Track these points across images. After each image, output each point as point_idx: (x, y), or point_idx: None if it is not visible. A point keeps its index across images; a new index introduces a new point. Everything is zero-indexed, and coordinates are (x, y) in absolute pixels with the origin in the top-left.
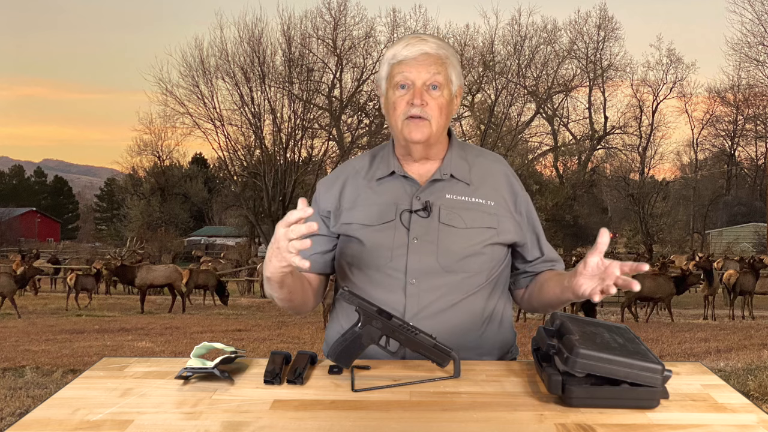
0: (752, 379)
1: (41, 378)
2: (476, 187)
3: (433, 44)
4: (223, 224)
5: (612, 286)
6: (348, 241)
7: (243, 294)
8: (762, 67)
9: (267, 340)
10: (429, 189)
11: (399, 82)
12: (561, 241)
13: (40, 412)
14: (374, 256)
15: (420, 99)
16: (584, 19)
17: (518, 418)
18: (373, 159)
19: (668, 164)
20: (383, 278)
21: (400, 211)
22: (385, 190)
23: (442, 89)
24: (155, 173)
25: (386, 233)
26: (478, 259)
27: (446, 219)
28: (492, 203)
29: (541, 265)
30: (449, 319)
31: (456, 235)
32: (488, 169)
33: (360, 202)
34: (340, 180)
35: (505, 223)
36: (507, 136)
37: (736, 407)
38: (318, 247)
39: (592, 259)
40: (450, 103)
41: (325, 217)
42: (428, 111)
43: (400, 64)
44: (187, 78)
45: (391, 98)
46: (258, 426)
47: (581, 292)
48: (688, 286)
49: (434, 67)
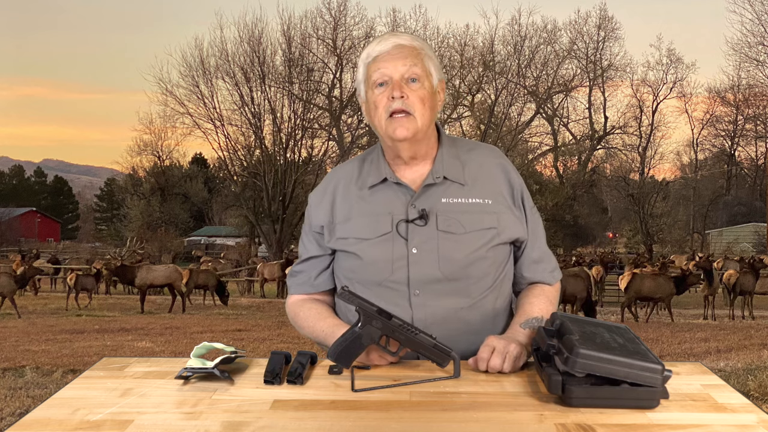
0: (752, 379)
1: (41, 378)
2: (471, 187)
3: (406, 37)
4: (223, 224)
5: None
6: (345, 255)
7: (243, 294)
8: (762, 67)
9: (267, 340)
10: (423, 195)
11: (377, 80)
12: (561, 241)
13: (40, 412)
14: (374, 271)
15: (399, 91)
16: (584, 19)
17: (518, 418)
18: (363, 164)
19: (668, 164)
20: (386, 292)
21: (396, 222)
22: (378, 199)
23: (422, 81)
24: (155, 173)
25: (384, 246)
26: (481, 264)
27: (444, 226)
28: (490, 201)
29: (524, 268)
30: (458, 326)
31: (456, 242)
32: (482, 164)
33: (354, 214)
34: (330, 190)
35: (505, 219)
36: (507, 136)
37: (736, 407)
38: (320, 265)
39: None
40: (432, 96)
41: (318, 233)
42: (409, 103)
43: (375, 61)
44: (187, 78)
45: (371, 98)
46: (258, 426)
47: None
48: (688, 286)
49: (410, 59)
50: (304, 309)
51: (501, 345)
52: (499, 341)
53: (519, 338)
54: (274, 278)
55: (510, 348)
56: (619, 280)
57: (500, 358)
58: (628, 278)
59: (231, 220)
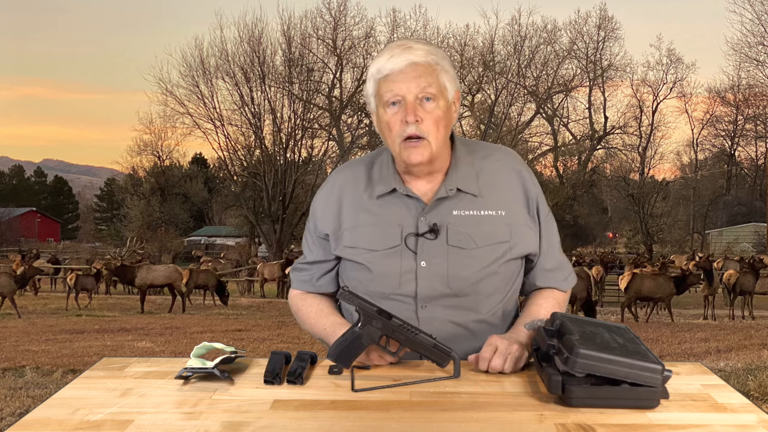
0: (752, 379)
1: (41, 378)
2: (485, 197)
3: (420, 52)
4: (223, 224)
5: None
6: (352, 265)
7: (243, 294)
8: (762, 67)
9: (267, 340)
10: (435, 209)
11: (389, 100)
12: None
13: (40, 412)
14: (381, 283)
15: (413, 115)
16: (584, 19)
17: (518, 418)
18: (371, 169)
19: (668, 164)
20: (392, 304)
21: (405, 235)
22: (387, 209)
23: (437, 100)
24: (155, 173)
25: (393, 259)
26: (492, 279)
27: (455, 240)
28: (503, 212)
29: (537, 278)
30: (467, 341)
31: (467, 258)
32: (497, 172)
33: (362, 222)
34: (336, 195)
35: (519, 233)
36: (507, 136)
37: (736, 407)
38: (324, 269)
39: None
40: (447, 113)
41: (323, 239)
42: (424, 128)
43: (386, 79)
44: (187, 78)
45: (384, 118)
46: (258, 426)
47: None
48: (688, 286)
49: (424, 79)
50: (306, 304)
51: (504, 345)
52: (501, 341)
53: (521, 339)
54: (274, 278)
55: (512, 349)
56: (619, 280)
57: (502, 358)
58: (628, 278)
59: (231, 220)
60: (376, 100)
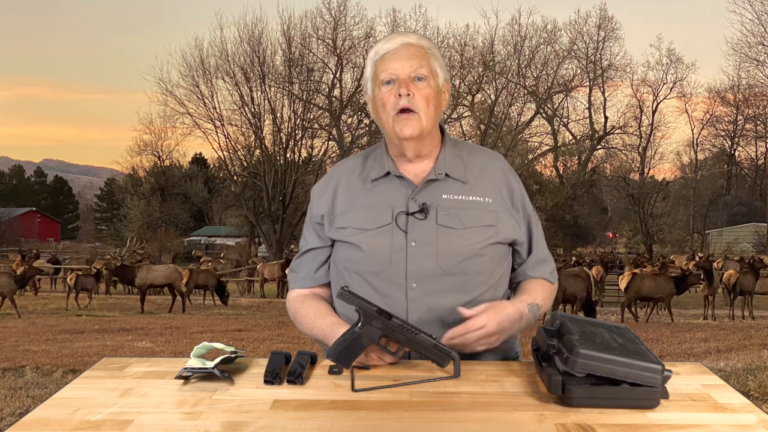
0: (752, 379)
1: (41, 378)
2: (473, 185)
3: (414, 36)
4: (223, 224)
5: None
6: (344, 246)
7: (243, 294)
8: (762, 67)
9: (267, 340)
10: (425, 189)
11: (384, 78)
12: (561, 241)
13: (40, 412)
14: (372, 261)
15: (406, 89)
16: (584, 19)
17: (518, 418)
18: (366, 159)
19: (668, 164)
20: (383, 283)
21: (396, 214)
22: (379, 191)
23: (428, 80)
24: (155, 173)
25: (383, 237)
26: (478, 260)
27: (444, 220)
28: (490, 200)
29: (528, 268)
30: (453, 322)
31: (455, 237)
32: (484, 165)
33: (355, 205)
34: (333, 183)
35: (504, 220)
36: (507, 136)
37: (736, 407)
38: (320, 257)
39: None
40: (437, 95)
41: (318, 223)
42: (415, 102)
43: (383, 59)
44: (187, 78)
45: (379, 96)
46: (258, 426)
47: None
48: (688, 286)
49: (416, 60)
50: (304, 306)
51: (495, 306)
52: (493, 304)
53: (517, 305)
54: (274, 278)
55: (504, 305)
56: (619, 280)
57: (489, 315)
58: (628, 278)
59: (231, 220)
60: (373, 82)
